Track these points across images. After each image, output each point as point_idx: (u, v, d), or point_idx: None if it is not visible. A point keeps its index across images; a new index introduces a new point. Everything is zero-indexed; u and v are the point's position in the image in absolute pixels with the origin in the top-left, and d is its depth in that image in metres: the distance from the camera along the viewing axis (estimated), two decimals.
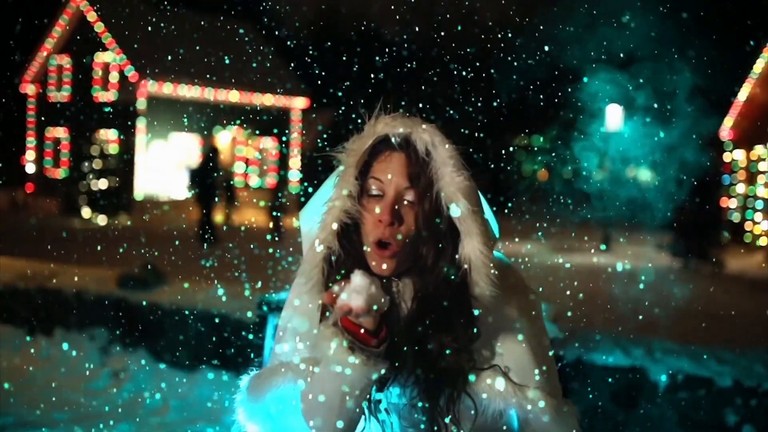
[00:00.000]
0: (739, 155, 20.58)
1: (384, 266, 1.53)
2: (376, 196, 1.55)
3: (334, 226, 1.54)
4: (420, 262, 1.54)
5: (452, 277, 1.52)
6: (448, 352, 1.50)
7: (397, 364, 1.51)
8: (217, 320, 5.19)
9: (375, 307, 1.39)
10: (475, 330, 1.53)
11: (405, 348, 1.50)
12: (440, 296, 1.52)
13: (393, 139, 1.56)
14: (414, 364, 1.52)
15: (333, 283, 1.46)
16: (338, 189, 1.55)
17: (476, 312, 1.53)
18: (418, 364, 1.51)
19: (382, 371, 1.45)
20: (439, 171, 1.52)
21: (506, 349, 1.57)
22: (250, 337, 4.92)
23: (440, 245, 1.54)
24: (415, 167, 1.54)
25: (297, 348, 1.62)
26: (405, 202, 1.54)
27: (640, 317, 7.11)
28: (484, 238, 1.51)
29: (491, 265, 1.51)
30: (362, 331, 1.43)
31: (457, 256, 1.52)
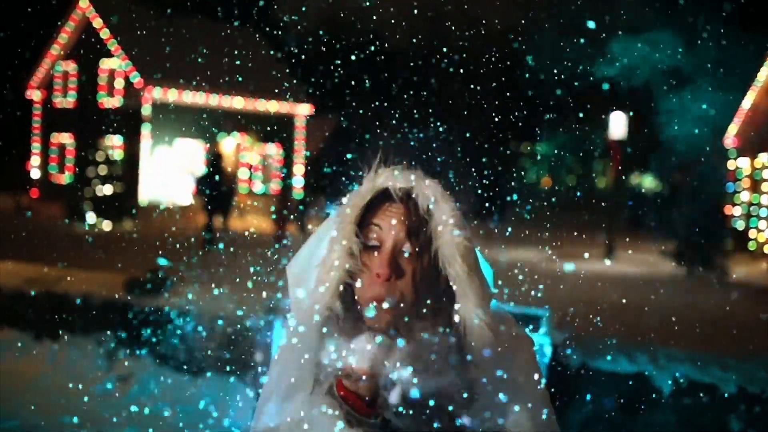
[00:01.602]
0: (743, 163, 20.58)
1: (381, 319, 1.46)
2: (374, 247, 1.49)
3: (337, 286, 1.47)
4: (416, 320, 1.48)
5: (448, 339, 1.46)
6: (445, 418, 1.43)
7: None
8: (222, 325, 5.21)
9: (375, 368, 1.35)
10: (472, 393, 1.46)
11: (403, 418, 1.42)
12: (436, 360, 1.45)
13: (394, 193, 1.50)
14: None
15: (332, 343, 1.42)
16: (339, 248, 1.49)
17: (473, 374, 1.47)
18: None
19: None
20: (439, 229, 1.47)
21: (504, 409, 1.50)
22: (256, 341, 4.93)
23: (437, 304, 1.48)
24: (415, 221, 1.49)
25: (285, 413, 1.50)
26: (404, 255, 1.48)
27: (645, 324, 7.11)
28: (480, 300, 1.47)
29: (487, 327, 1.46)
30: (359, 400, 1.37)
31: (453, 318, 1.47)
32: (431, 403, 1.43)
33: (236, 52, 24.84)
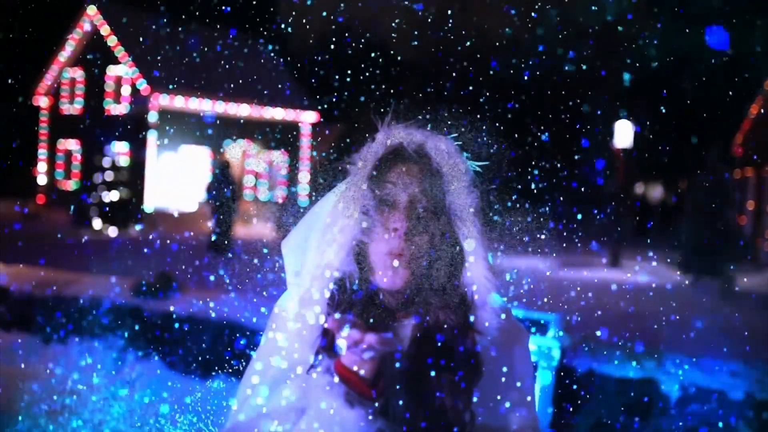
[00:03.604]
0: (750, 172, 20.56)
1: (397, 277, 1.42)
2: (389, 205, 1.45)
3: (350, 245, 1.44)
4: (428, 282, 1.44)
5: (457, 302, 1.43)
6: (450, 402, 1.38)
7: (395, 417, 1.37)
8: (228, 329, 5.22)
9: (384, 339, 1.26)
10: (478, 368, 1.42)
11: (405, 400, 1.37)
12: (443, 331, 1.41)
13: (408, 149, 1.47)
14: (414, 418, 1.37)
15: (341, 311, 1.36)
16: (352, 203, 1.45)
17: (480, 349, 1.43)
18: (417, 418, 1.37)
19: (379, 426, 1.31)
20: (452, 185, 1.46)
21: (503, 393, 1.48)
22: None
23: (449, 263, 1.44)
24: (428, 178, 1.45)
25: (279, 395, 1.43)
26: (419, 212, 1.44)
27: (651, 331, 7.10)
28: (488, 263, 1.46)
29: (494, 296, 1.45)
30: (360, 380, 1.30)
31: (462, 280, 1.45)
32: (434, 381, 1.39)
33: (242, 60, 24.93)
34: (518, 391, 1.51)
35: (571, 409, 3.95)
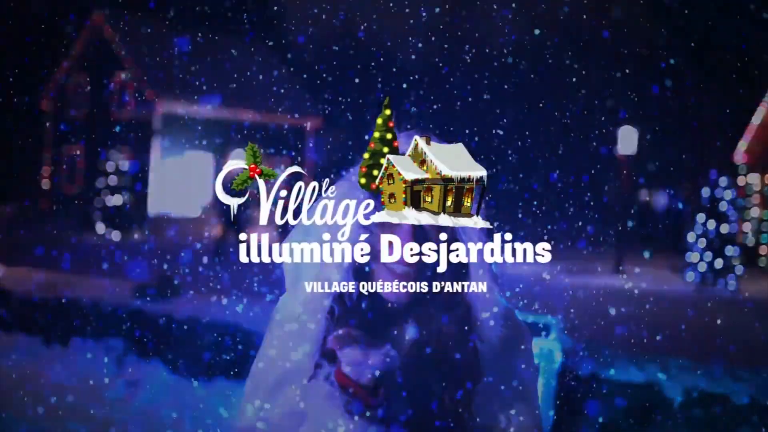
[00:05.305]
0: (753, 179, 20.53)
1: (401, 291, 1.41)
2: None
3: (351, 260, 1.41)
4: (430, 292, 1.42)
5: (459, 306, 1.43)
6: (451, 406, 1.37)
7: (396, 425, 1.36)
8: (230, 332, 5.22)
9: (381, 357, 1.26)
10: (479, 371, 1.42)
11: (406, 406, 1.36)
12: (445, 336, 1.40)
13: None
14: (415, 424, 1.37)
15: (341, 327, 1.34)
16: (353, 214, 1.41)
17: (478, 350, 1.43)
18: (419, 424, 1.37)
19: None
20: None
21: (504, 395, 1.48)
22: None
23: (453, 270, 1.42)
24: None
25: (279, 404, 1.42)
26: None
27: (655, 338, 7.08)
28: (491, 268, 1.45)
29: (496, 299, 1.44)
30: (360, 389, 1.29)
31: (465, 285, 1.43)
32: (434, 386, 1.37)
33: (246, 66, 24.99)
34: (520, 394, 1.50)
35: (572, 413, 3.94)
